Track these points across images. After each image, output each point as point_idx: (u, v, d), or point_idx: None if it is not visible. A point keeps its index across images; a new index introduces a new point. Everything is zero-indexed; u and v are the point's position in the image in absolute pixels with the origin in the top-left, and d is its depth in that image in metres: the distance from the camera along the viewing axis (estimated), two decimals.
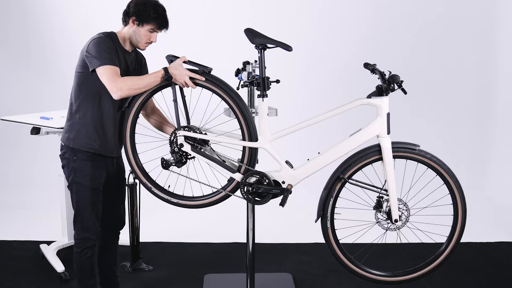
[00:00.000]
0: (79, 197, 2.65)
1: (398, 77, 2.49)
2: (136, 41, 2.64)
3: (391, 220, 2.65)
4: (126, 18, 2.61)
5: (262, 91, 2.57)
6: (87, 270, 2.71)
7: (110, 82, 2.45)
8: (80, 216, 2.66)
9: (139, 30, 2.60)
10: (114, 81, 2.44)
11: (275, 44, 2.52)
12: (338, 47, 5.10)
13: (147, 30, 2.61)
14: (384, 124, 2.56)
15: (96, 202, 2.68)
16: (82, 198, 2.65)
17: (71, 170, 2.63)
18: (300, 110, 4.96)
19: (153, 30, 2.62)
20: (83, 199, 2.65)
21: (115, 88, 2.44)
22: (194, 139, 2.69)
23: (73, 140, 2.61)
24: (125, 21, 2.63)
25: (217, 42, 5.06)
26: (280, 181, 2.66)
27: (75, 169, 2.62)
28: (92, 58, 2.48)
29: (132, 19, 2.59)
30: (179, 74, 2.53)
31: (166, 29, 2.68)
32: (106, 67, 2.46)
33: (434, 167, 2.64)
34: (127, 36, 2.65)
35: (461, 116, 5.18)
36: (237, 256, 3.70)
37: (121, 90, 2.45)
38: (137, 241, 3.47)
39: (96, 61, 2.47)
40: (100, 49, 2.49)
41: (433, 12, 5.06)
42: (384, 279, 2.79)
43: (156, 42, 2.68)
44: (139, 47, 2.67)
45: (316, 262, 3.62)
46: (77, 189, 2.64)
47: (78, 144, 2.60)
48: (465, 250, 3.73)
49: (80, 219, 2.66)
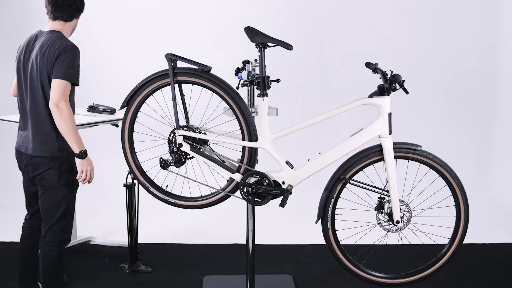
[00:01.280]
0: (71, 198, 2.68)
1: (399, 77, 2.49)
2: (73, 31, 2.74)
3: (392, 222, 2.65)
4: (76, 13, 2.66)
5: (262, 91, 2.56)
6: (62, 273, 2.77)
7: (60, 96, 2.44)
8: (68, 216, 2.68)
9: (77, 20, 2.72)
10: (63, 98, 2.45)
11: (276, 43, 2.51)
12: (339, 46, 5.08)
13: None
14: (385, 124, 2.55)
15: None
16: (72, 200, 2.70)
17: (63, 172, 2.61)
18: (300, 109, 4.95)
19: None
20: (72, 201, 2.70)
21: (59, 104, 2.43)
22: (193, 138, 2.69)
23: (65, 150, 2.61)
24: (72, 17, 2.65)
25: (216, 41, 5.04)
26: (280, 181, 2.65)
27: (68, 171, 2.63)
28: (64, 67, 2.48)
29: (81, 12, 2.69)
30: (87, 164, 2.57)
31: None
32: (69, 84, 2.50)
33: (436, 168, 2.63)
34: (71, 30, 2.69)
35: (463, 117, 5.16)
36: (236, 258, 3.68)
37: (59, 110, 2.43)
38: (136, 242, 3.45)
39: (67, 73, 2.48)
40: (77, 64, 2.56)
41: (435, 11, 5.04)
42: (385, 281, 2.78)
43: None
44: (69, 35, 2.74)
45: (317, 263, 3.60)
46: (69, 190, 2.66)
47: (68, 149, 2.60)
48: (467, 251, 3.70)
49: (68, 219, 2.68)
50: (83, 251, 3.72)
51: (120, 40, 5.11)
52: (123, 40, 5.11)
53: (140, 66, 4.22)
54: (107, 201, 4.70)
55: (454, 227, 2.73)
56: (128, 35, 5.09)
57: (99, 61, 5.14)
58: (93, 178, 2.63)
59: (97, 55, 5.14)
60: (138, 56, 5.02)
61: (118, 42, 5.11)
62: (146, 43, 5.05)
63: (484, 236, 4.02)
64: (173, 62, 2.62)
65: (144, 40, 5.07)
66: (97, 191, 4.82)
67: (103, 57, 5.13)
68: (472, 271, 3.48)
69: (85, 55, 5.08)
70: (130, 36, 5.09)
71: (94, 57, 5.15)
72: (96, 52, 5.14)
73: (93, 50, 5.15)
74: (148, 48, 5.01)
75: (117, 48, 5.12)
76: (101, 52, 5.13)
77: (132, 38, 5.09)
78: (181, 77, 2.65)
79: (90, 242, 3.77)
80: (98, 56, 5.14)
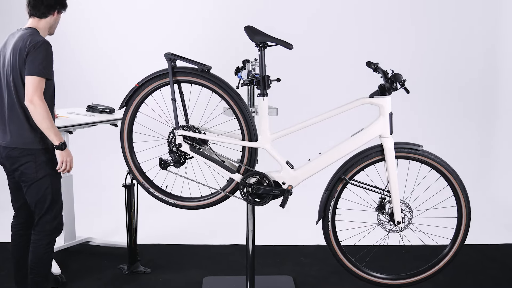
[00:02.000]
0: (54, 188, 2.72)
1: (400, 76, 2.48)
2: (54, 28, 2.75)
3: (393, 222, 2.65)
4: (50, 11, 2.66)
5: (262, 90, 2.55)
6: (50, 264, 2.82)
7: (33, 92, 2.48)
8: (56, 205, 2.74)
9: (58, 17, 2.72)
10: (37, 94, 2.49)
11: (276, 42, 2.51)
12: (340, 45, 5.07)
13: (60, 14, 2.75)
14: (386, 124, 2.54)
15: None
16: (57, 188, 2.74)
17: (40, 164, 2.65)
18: (301, 109, 4.91)
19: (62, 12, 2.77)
20: (58, 189, 2.75)
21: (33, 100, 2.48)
22: (193, 138, 2.69)
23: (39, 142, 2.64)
24: (46, 14, 2.66)
25: (216, 40, 5.03)
26: (281, 181, 2.64)
27: (46, 162, 2.66)
28: (36, 63, 2.50)
29: (57, 9, 2.68)
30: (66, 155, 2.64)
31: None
32: (42, 80, 2.52)
33: (437, 168, 2.62)
34: (47, 27, 2.70)
35: (465, 116, 5.15)
36: (236, 259, 3.67)
37: (33, 106, 2.49)
38: (135, 243, 3.43)
39: (39, 69, 2.50)
40: (49, 59, 2.56)
41: (437, 10, 5.03)
42: (386, 282, 2.78)
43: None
44: (52, 32, 2.77)
45: (317, 264, 3.59)
46: (51, 180, 2.70)
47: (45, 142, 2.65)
48: (469, 251, 3.69)
49: (56, 208, 2.74)
50: (82, 252, 3.71)
51: (119, 39, 5.10)
52: (122, 39, 5.10)
53: (140, 65, 4.22)
54: (106, 201, 4.68)
55: (455, 228, 2.72)
56: (127, 35, 5.09)
57: (99, 60, 5.14)
58: (72, 167, 2.71)
59: (97, 55, 5.13)
60: (138, 56, 5.01)
61: (117, 41, 5.10)
62: (145, 42, 5.04)
63: (486, 236, 4.01)
64: (172, 61, 2.61)
65: (144, 39, 5.06)
66: (96, 192, 4.82)
67: (102, 57, 5.13)
68: (473, 272, 3.47)
69: (85, 55, 5.16)
70: (129, 36, 5.08)
71: (93, 57, 5.15)
72: (96, 51, 5.14)
73: (93, 50, 5.15)
74: (147, 47, 5.00)
75: (116, 47, 5.11)
76: (101, 52, 5.12)
77: (132, 37, 5.08)
78: (181, 76, 2.64)
79: (89, 242, 3.75)
80: (98, 55, 5.13)
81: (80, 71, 5.14)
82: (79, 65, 5.14)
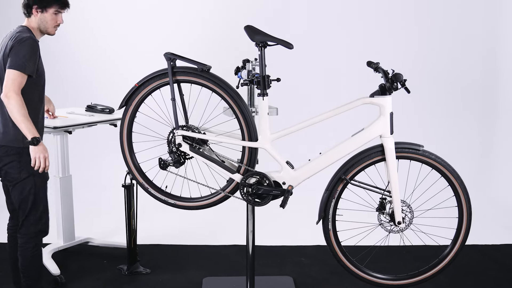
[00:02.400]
0: (38, 189, 2.67)
1: (401, 76, 2.47)
2: (45, 28, 2.69)
3: (394, 222, 2.64)
4: (28, 9, 2.66)
5: (262, 90, 2.55)
6: (40, 266, 2.77)
7: (11, 86, 2.45)
8: (39, 207, 2.69)
9: (44, 16, 2.66)
10: (14, 88, 2.46)
11: (276, 42, 2.50)
12: (340, 45, 5.06)
13: (52, 14, 2.67)
14: (387, 124, 2.53)
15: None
16: (41, 189, 2.69)
17: (23, 164, 2.61)
18: (301, 109, 4.91)
19: (57, 11, 2.69)
20: (42, 190, 2.69)
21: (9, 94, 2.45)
22: (192, 138, 2.68)
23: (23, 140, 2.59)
24: (28, 13, 2.66)
25: (216, 40, 5.03)
26: (281, 182, 2.63)
27: (29, 162, 2.59)
28: (17, 58, 2.48)
29: (35, 8, 2.63)
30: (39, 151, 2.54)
31: (68, 7, 2.74)
32: (22, 75, 2.48)
33: (438, 168, 2.61)
34: (36, 26, 2.68)
35: (466, 116, 5.15)
36: (236, 259, 3.66)
37: (7, 99, 2.45)
38: (134, 243, 3.43)
39: (19, 64, 2.48)
40: (33, 56, 2.53)
41: (438, 10, 5.02)
42: (387, 283, 2.77)
43: (63, 22, 2.74)
44: (48, 32, 2.71)
45: (318, 264, 3.58)
46: (35, 180, 2.65)
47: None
48: (470, 252, 3.68)
49: (40, 210, 2.70)
50: (82, 252, 3.70)
51: (119, 39, 5.09)
52: (122, 39, 5.09)
53: (139, 65, 4.21)
54: (105, 202, 4.68)
55: (456, 228, 2.72)
56: (127, 34, 5.08)
57: (98, 60, 5.13)
58: (49, 166, 2.61)
59: (97, 54, 5.13)
60: (138, 56, 5.00)
61: (117, 41, 5.10)
62: (145, 42, 5.04)
63: (487, 237, 4.01)
64: (172, 61, 2.60)
65: (144, 39, 5.05)
66: (95, 192, 4.81)
67: (102, 56, 5.12)
68: (474, 272, 3.46)
69: (84, 55, 5.15)
70: (129, 35, 5.08)
71: (93, 56, 5.14)
72: (96, 51, 5.13)
73: (93, 50, 5.14)
74: (147, 47, 4.99)
75: (116, 47, 5.10)
76: (100, 51, 5.12)
77: (132, 37, 5.08)
78: (180, 76, 2.63)
79: (88, 243, 3.74)
80: (97, 55, 5.13)
81: (80, 71, 5.14)
82: (79, 65, 5.13)
